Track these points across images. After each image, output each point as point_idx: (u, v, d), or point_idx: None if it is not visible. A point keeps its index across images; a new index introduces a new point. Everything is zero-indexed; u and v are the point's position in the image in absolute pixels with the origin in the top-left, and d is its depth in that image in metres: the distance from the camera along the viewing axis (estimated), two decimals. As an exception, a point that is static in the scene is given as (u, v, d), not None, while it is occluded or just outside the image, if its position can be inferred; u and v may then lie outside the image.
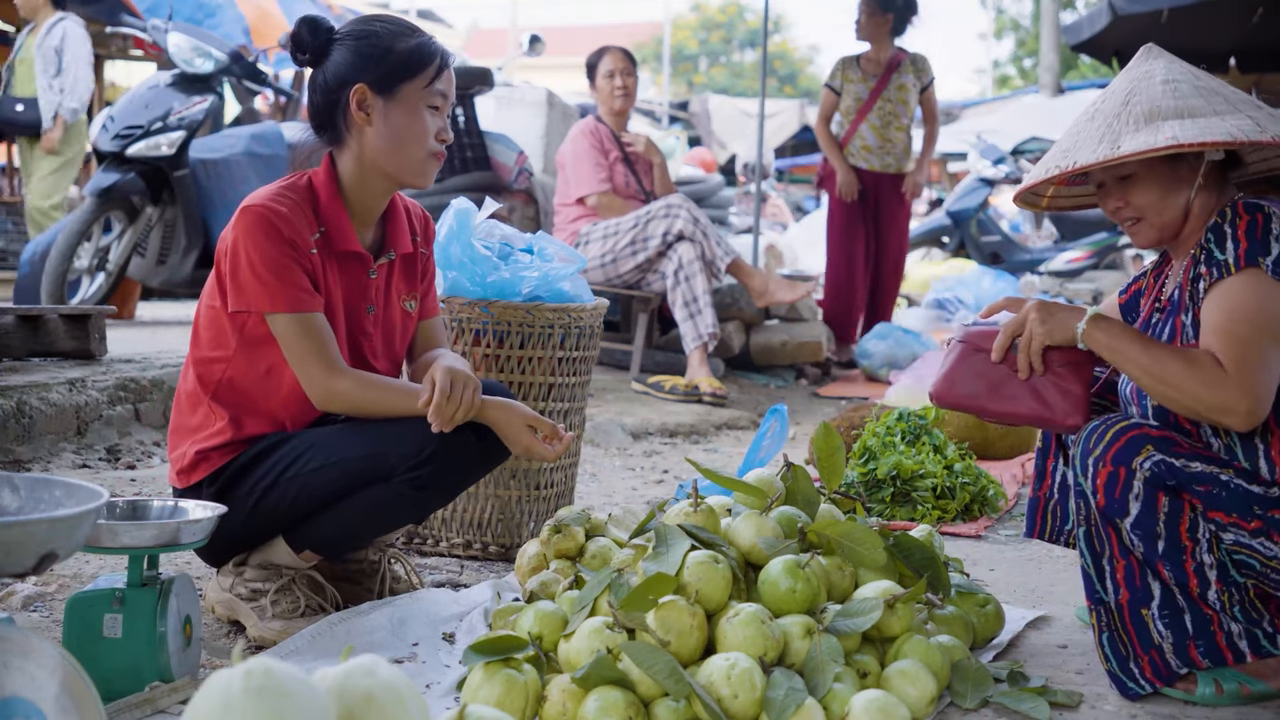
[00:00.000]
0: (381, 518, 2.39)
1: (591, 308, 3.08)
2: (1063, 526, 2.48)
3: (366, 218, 2.46)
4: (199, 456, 2.38)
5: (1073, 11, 21.88)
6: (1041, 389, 2.23)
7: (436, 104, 2.40)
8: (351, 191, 2.42)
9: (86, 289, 6.32)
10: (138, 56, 10.78)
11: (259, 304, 2.31)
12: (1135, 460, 2.05)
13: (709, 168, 12.42)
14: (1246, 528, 2.04)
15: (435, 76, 2.39)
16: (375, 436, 2.33)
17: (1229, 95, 2.17)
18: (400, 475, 2.30)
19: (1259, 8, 7.50)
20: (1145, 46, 2.31)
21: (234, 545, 2.43)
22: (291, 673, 1.18)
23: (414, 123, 2.38)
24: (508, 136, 6.78)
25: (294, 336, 2.31)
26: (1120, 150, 2.11)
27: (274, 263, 2.29)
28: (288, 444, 2.36)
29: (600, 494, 3.94)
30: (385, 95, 2.36)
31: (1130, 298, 2.46)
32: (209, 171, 6.29)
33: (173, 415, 2.47)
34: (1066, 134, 2.25)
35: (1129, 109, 2.17)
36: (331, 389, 2.33)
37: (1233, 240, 2.10)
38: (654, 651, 1.90)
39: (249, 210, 2.32)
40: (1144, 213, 2.21)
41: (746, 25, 36.70)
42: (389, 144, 2.37)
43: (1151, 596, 2.11)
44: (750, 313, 6.63)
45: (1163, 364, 2.07)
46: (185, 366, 2.44)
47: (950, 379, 2.32)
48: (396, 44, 2.37)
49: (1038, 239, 12.66)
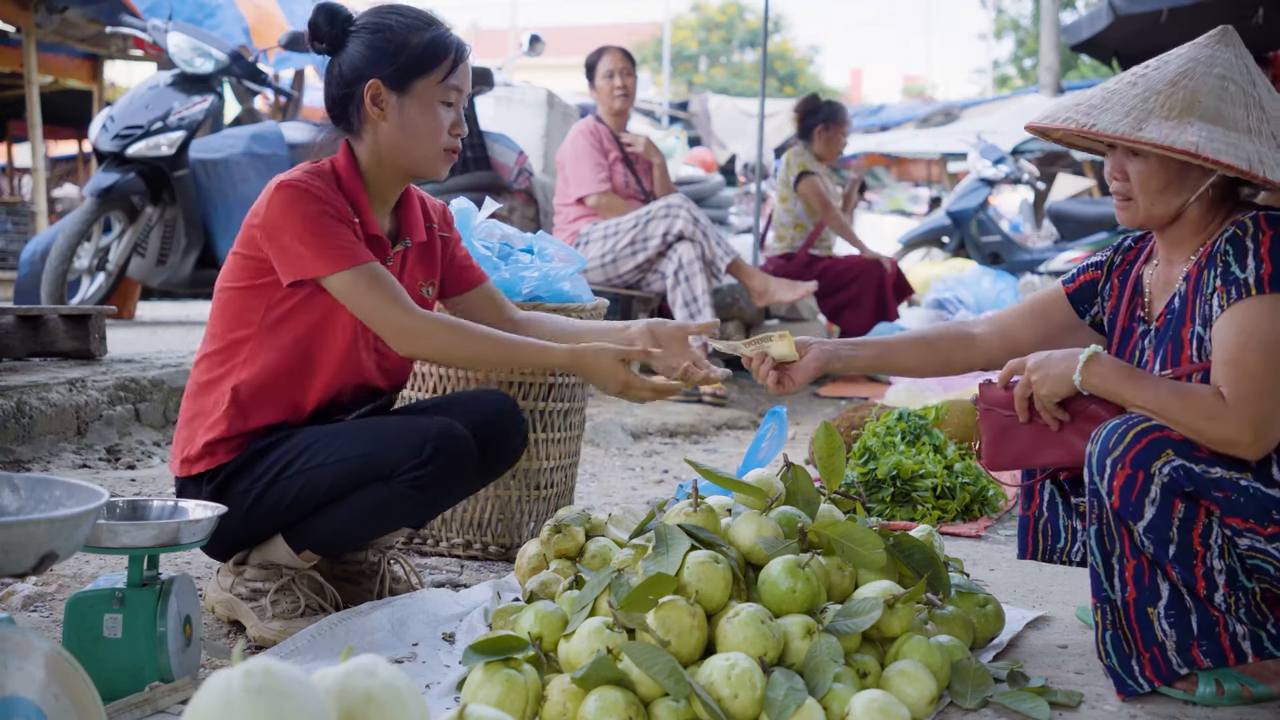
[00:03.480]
0: (381, 517, 2.38)
1: (591, 308, 3.08)
2: (1054, 545, 2.47)
3: (384, 205, 2.48)
4: (206, 449, 2.37)
5: (1073, 11, 21.88)
6: (1082, 429, 2.23)
7: (450, 99, 2.41)
8: (370, 178, 2.44)
9: (86, 289, 6.32)
10: (138, 56, 10.77)
11: (313, 269, 2.30)
12: (1154, 464, 2.04)
13: (709, 168, 12.40)
14: (1263, 533, 2.03)
15: (450, 71, 2.40)
16: (377, 436, 2.33)
17: (1275, 114, 2.11)
18: (401, 475, 2.30)
19: (1259, 8, 7.48)
20: (1222, 28, 2.22)
21: (234, 541, 2.43)
22: (291, 673, 1.18)
23: (427, 118, 2.39)
24: (508, 136, 6.77)
25: (361, 289, 2.30)
26: (1140, 134, 2.08)
27: (320, 227, 2.29)
28: (290, 441, 2.36)
29: (600, 494, 3.95)
30: (399, 90, 2.38)
31: (1082, 288, 2.42)
32: (209, 171, 6.29)
33: (184, 406, 2.46)
34: (1103, 88, 2.20)
35: (1173, 89, 2.11)
36: (418, 329, 2.33)
37: (1255, 258, 2.06)
38: (654, 651, 1.90)
39: (285, 185, 2.31)
40: (1138, 195, 2.19)
41: (746, 25, 36.68)
42: (403, 138, 2.39)
43: (1159, 596, 2.10)
44: (750, 313, 6.63)
45: (1160, 401, 2.07)
46: (198, 359, 2.44)
47: (993, 452, 2.36)
48: (411, 38, 2.37)
49: (1038, 239, 12.66)
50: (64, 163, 15.11)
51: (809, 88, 34.05)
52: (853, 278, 7.09)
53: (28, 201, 11.55)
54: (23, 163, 14.30)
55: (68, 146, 14.97)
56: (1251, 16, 7.46)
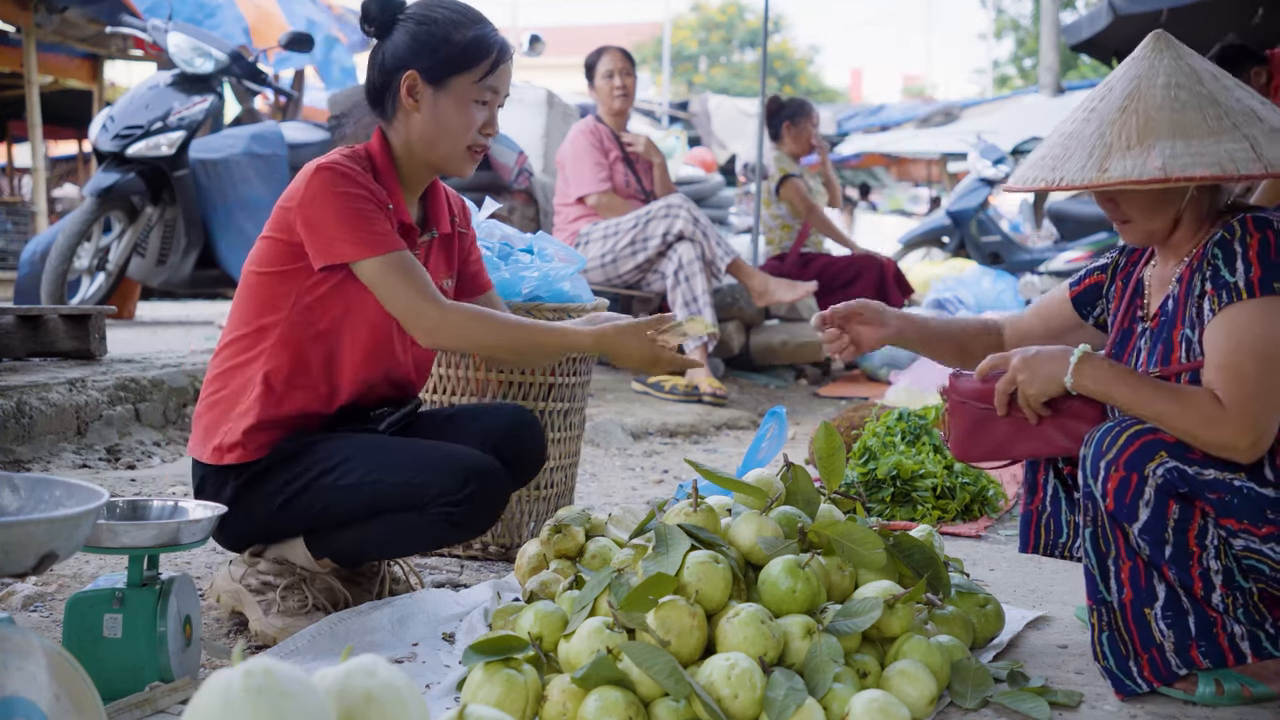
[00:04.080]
0: (408, 543, 2.39)
1: (591, 308, 3.08)
2: (1056, 540, 2.46)
3: (413, 194, 2.49)
4: (245, 436, 2.33)
5: (1073, 11, 21.87)
6: (1061, 424, 2.23)
7: (485, 99, 2.42)
8: (401, 167, 2.45)
9: (86, 289, 6.32)
10: (138, 56, 10.77)
11: (346, 253, 2.29)
12: (1148, 466, 2.04)
13: (709, 168, 12.39)
14: (1257, 534, 2.03)
15: (489, 71, 2.40)
16: (415, 463, 2.30)
17: (1232, 105, 2.08)
18: (436, 508, 2.28)
19: (1259, 8, 7.49)
20: (1155, 34, 2.21)
21: (252, 537, 2.43)
22: (291, 673, 1.18)
23: (460, 115, 2.40)
24: (508, 136, 6.77)
25: (390, 277, 2.29)
26: (1107, 175, 2.05)
27: (355, 212, 2.29)
28: (324, 447, 2.34)
29: (600, 494, 3.95)
30: (435, 85, 2.38)
31: (1086, 291, 2.43)
32: (209, 171, 6.30)
33: (205, 390, 2.41)
34: (1058, 132, 2.18)
35: (1125, 117, 2.10)
36: (444, 319, 2.31)
37: (1243, 261, 2.06)
38: (654, 651, 1.90)
39: (323, 168, 2.31)
40: (1133, 217, 2.19)
41: (746, 25, 36.68)
42: (433, 132, 2.40)
43: (1156, 597, 2.10)
44: (750, 313, 6.63)
45: (1155, 406, 2.06)
46: (223, 344, 2.40)
47: (967, 444, 2.34)
48: (454, 34, 2.38)
49: (1037, 239, 12.65)
50: (64, 163, 15.12)
51: (809, 88, 34.10)
52: (853, 275, 7.08)
53: (28, 201, 11.55)
54: (23, 163, 14.31)
55: (68, 146, 14.98)
56: (1251, 16, 7.47)
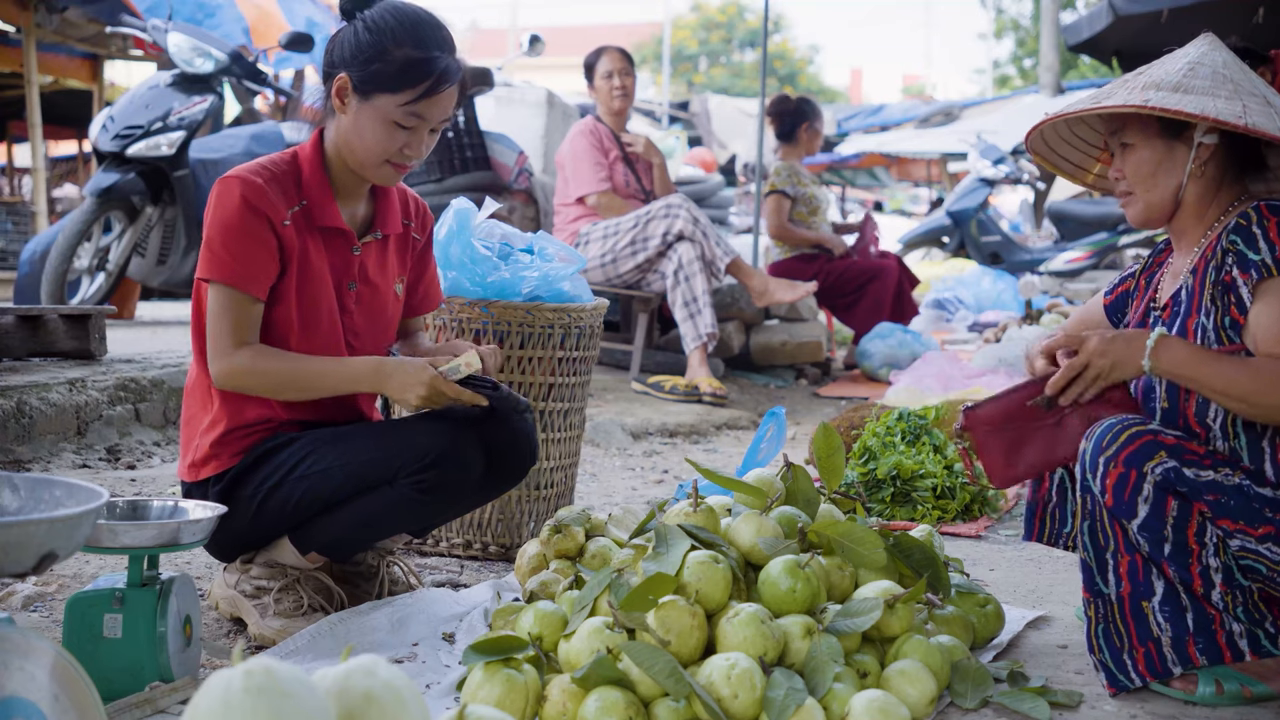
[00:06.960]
0: (385, 520, 2.38)
1: (591, 308, 3.08)
2: (1061, 529, 2.47)
3: (352, 194, 2.46)
4: (212, 451, 2.38)
5: (1073, 11, 21.85)
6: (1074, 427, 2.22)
7: (409, 124, 2.33)
8: (334, 168, 2.42)
9: (86, 289, 6.32)
10: (138, 56, 10.78)
11: (202, 269, 2.32)
12: (1147, 465, 2.04)
13: (709, 168, 12.41)
14: (1254, 534, 2.04)
15: (416, 99, 2.31)
16: (382, 441, 2.33)
17: (1243, 84, 2.17)
18: (405, 478, 2.30)
19: (1259, 8, 7.49)
20: (1203, 35, 2.29)
21: (240, 543, 2.43)
22: (291, 673, 1.18)
23: (378, 132, 2.33)
24: (508, 136, 6.78)
25: (214, 307, 2.32)
26: (1101, 103, 2.18)
27: (230, 234, 2.30)
28: (294, 445, 2.36)
29: (600, 494, 3.94)
30: (361, 95, 2.33)
31: (1117, 298, 2.46)
32: (209, 171, 6.29)
33: (182, 407, 2.48)
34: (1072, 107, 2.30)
35: (1138, 77, 2.21)
36: (230, 367, 2.30)
37: (1265, 241, 2.10)
38: (654, 651, 1.90)
39: (221, 181, 2.34)
40: (1135, 188, 2.24)
41: (746, 25, 36.68)
42: (352, 140, 2.37)
43: (1154, 591, 2.11)
44: (750, 313, 6.63)
45: (1238, 383, 2.06)
46: (193, 359, 2.44)
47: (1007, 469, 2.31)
48: (392, 51, 2.31)
49: (1038, 239, 12.66)
50: (64, 163, 15.12)
51: (809, 88, 34.07)
52: (869, 278, 7.06)
53: (28, 201, 11.56)
54: (23, 163, 14.32)
55: (68, 146, 14.98)
56: (1252, 16, 7.47)
